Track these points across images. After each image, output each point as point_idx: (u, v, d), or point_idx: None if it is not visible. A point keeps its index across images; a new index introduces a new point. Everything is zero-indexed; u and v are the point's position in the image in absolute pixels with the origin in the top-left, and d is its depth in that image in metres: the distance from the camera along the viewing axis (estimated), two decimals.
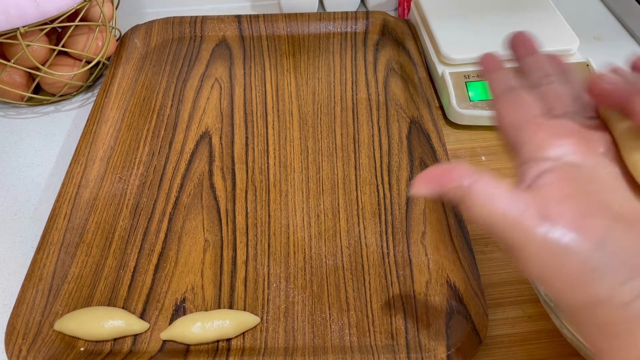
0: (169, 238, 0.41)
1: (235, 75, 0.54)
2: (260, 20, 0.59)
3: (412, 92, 0.52)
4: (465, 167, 0.23)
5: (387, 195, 0.43)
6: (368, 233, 0.41)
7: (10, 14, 0.44)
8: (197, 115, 0.50)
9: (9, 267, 0.41)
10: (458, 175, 0.23)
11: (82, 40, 0.52)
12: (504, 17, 0.55)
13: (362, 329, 0.36)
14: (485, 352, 0.35)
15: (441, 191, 0.24)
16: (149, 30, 0.58)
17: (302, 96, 0.52)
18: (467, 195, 0.23)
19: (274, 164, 0.46)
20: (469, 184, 0.23)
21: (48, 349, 0.34)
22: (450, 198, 0.23)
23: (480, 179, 0.23)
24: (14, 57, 0.48)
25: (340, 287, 0.38)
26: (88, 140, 0.47)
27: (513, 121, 0.26)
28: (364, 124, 0.49)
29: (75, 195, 0.43)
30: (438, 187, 0.24)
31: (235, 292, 0.38)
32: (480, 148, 0.49)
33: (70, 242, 0.40)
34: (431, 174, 0.24)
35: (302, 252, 0.40)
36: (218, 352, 0.34)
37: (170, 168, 0.46)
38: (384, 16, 0.60)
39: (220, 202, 0.43)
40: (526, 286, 0.39)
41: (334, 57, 0.57)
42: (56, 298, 0.37)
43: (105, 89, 0.51)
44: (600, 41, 0.61)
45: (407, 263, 0.39)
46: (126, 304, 0.37)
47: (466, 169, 0.23)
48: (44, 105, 0.55)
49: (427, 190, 0.24)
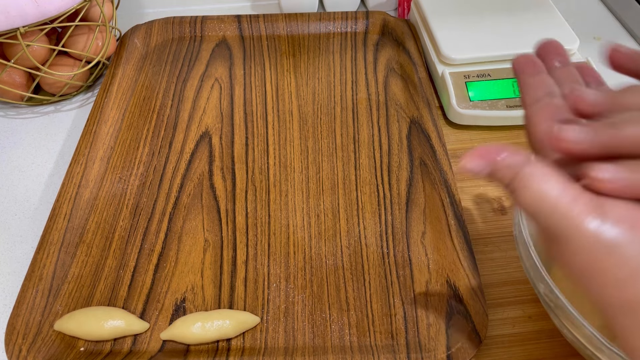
0: (169, 238, 0.41)
1: (235, 75, 0.54)
2: (260, 20, 0.59)
3: (412, 92, 0.52)
4: (520, 149, 0.23)
5: (387, 195, 0.43)
6: (368, 233, 0.41)
7: (10, 14, 0.44)
8: (197, 115, 0.50)
9: (9, 267, 0.41)
10: (513, 154, 0.22)
11: (82, 40, 0.52)
12: (504, 17, 0.55)
13: (362, 329, 0.36)
14: (485, 352, 0.35)
15: (494, 168, 0.22)
16: (149, 30, 0.58)
17: (302, 96, 0.52)
18: (520, 177, 0.22)
19: (274, 164, 0.46)
20: (523, 165, 0.22)
21: (48, 349, 0.34)
22: (500, 177, 0.22)
23: (535, 162, 0.22)
24: (14, 57, 0.48)
25: (340, 287, 0.38)
26: (88, 140, 0.47)
27: (548, 132, 0.24)
28: (364, 124, 0.49)
29: (75, 195, 0.43)
30: (492, 163, 0.22)
31: (235, 292, 0.38)
32: None
33: (70, 242, 0.40)
34: (486, 149, 0.23)
35: (302, 252, 0.40)
36: (218, 352, 0.34)
37: (170, 168, 0.46)
38: (384, 16, 0.60)
39: (220, 202, 0.43)
40: (526, 286, 0.39)
41: (334, 57, 0.57)
42: (56, 298, 0.37)
43: (105, 89, 0.51)
44: (600, 41, 0.61)
45: (407, 263, 0.39)
46: (126, 304, 0.37)
47: (521, 151, 0.23)
48: (44, 105, 0.55)
49: (479, 164, 0.23)
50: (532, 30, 0.53)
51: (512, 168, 0.22)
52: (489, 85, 0.50)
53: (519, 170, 0.22)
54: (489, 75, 0.50)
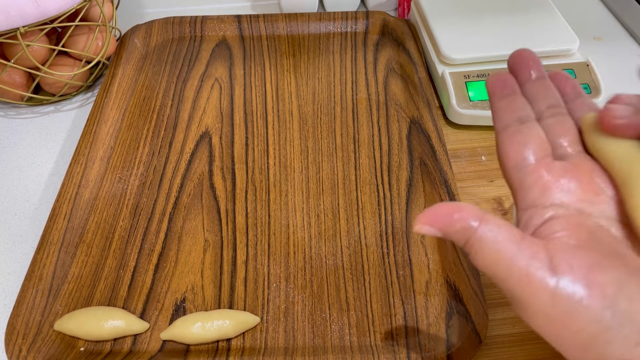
0: (169, 238, 0.41)
1: (235, 75, 0.54)
2: (260, 20, 0.59)
3: (412, 92, 0.52)
4: (473, 207, 0.22)
5: (387, 195, 0.43)
6: (368, 233, 0.41)
7: (10, 13, 0.44)
8: (197, 115, 0.50)
9: (9, 267, 0.41)
10: (465, 215, 0.21)
11: (82, 40, 0.52)
12: (504, 17, 0.55)
13: (362, 329, 0.36)
14: (485, 352, 0.36)
15: (447, 232, 0.22)
16: (149, 30, 0.58)
17: (302, 96, 0.52)
18: (474, 239, 0.21)
19: (274, 164, 0.46)
20: (476, 226, 0.21)
21: (48, 349, 0.34)
22: (456, 239, 0.22)
23: (488, 221, 0.21)
24: (14, 57, 0.48)
25: (340, 287, 0.38)
26: (88, 140, 0.47)
27: (517, 161, 0.24)
28: (364, 124, 0.49)
29: (75, 195, 0.43)
30: (443, 226, 0.22)
31: (235, 292, 0.38)
32: (480, 148, 0.49)
33: (70, 242, 0.40)
34: (437, 212, 0.22)
35: (302, 252, 0.40)
36: (218, 352, 0.34)
37: (170, 168, 0.46)
38: (384, 16, 0.60)
39: (220, 202, 0.43)
40: None
41: (334, 57, 0.57)
42: (56, 298, 0.37)
43: (105, 89, 0.51)
44: (600, 41, 0.61)
45: (407, 263, 0.39)
46: (126, 304, 0.37)
47: (474, 210, 0.22)
48: (44, 105, 0.55)
49: (431, 229, 0.22)
50: (532, 31, 0.53)
51: (462, 232, 0.21)
52: None
53: (470, 234, 0.21)
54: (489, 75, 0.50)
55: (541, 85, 0.26)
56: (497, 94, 0.26)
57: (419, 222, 0.23)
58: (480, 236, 0.21)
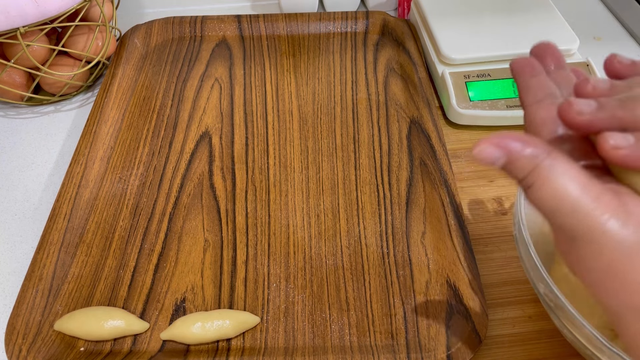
0: (169, 238, 0.41)
1: (235, 75, 0.54)
2: (260, 20, 0.59)
3: (412, 92, 0.52)
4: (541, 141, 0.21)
5: (387, 195, 0.43)
6: (368, 233, 0.41)
7: (10, 14, 0.44)
8: (197, 115, 0.50)
9: (9, 267, 0.41)
10: (533, 144, 0.20)
11: (82, 40, 0.52)
12: (504, 17, 0.55)
13: (362, 329, 0.36)
14: (485, 352, 0.36)
15: (510, 158, 0.20)
16: (149, 30, 0.58)
17: (302, 96, 0.52)
18: (539, 170, 0.20)
19: (274, 164, 0.46)
20: (544, 157, 0.20)
21: (48, 349, 0.34)
22: (516, 169, 0.20)
23: (558, 156, 0.20)
24: (14, 57, 0.48)
25: (340, 287, 0.38)
26: (88, 140, 0.47)
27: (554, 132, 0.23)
28: (364, 124, 0.49)
29: (75, 195, 0.43)
30: (508, 152, 0.20)
31: (235, 292, 0.38)
32: None
33: (70, 242, 0.40)
34: (503, 137, 0.20)
35: (302, 252, 0.40)
36: (218, 352, 0.34)
37: (170, 168, 0.46)
38: (384, 16, 0.60)
39: (220, 202, 0.43)
40: (526, 286, 0.39)
41: (334, 57, 0.57)
42: (56, 298, 0.37)
43: (105, 89, 0.51)
44: (600, 41, 0.61)
45: (407, 263, 0.39)
46: (126, 304, 0.37)
47: (543, 143, 0.20)
48: (44, 105, 0.55)
49: (493, 153, 0.20)
50: (532, 31, 0.53)
51: (531, 160, 0.20)
52: (489, 85, 0.50)
53: (538, 162, 0.20)
54: (489, 75, 0.50)
55: (563, 75, 0.26)
56: (528, 73, 0.26)
57: (482, 144, 0.21)
58: (548, 166, 0.20)
